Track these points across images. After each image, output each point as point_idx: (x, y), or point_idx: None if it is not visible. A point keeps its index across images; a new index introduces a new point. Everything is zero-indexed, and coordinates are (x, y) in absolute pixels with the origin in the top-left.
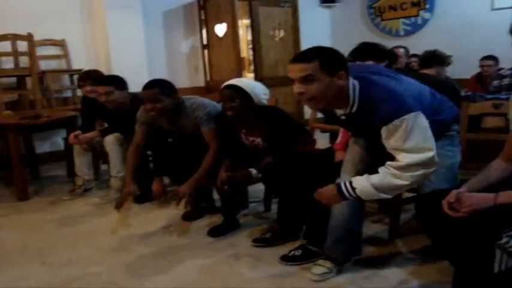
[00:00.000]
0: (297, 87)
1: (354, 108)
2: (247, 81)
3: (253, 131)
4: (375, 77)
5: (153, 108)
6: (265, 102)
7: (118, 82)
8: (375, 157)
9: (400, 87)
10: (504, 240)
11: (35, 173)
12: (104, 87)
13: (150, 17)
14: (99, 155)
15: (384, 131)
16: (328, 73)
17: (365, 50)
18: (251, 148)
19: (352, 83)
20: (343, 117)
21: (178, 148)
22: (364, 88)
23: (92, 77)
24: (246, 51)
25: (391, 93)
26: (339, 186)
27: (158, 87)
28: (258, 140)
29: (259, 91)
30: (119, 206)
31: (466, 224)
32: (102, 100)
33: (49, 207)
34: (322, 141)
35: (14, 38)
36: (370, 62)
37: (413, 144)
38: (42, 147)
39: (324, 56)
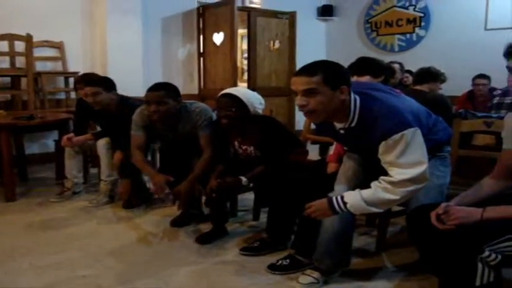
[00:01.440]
0: (299, 100)
1: (354, 123)
2: (244, 90)
3: (246, 139)
4: (375, 93)
5: (156, 110)
6: (260, 111)
7: (106, 83)
8: (369, 172)
9: (400, 104)
10: (486, 254)
11: (23, 174)
12: (92, 87)
13: (149, 23)
14: (88, 158)
15: (382, 145)
16: (331, 87)
17: (362, 65)
18: (244, 157)
19: (354, 97)
20: (341, 131)
21: (169, 153)
22: (365, 103)
23: (86, 79)
24: (240, 61)
25: (392, 108)
26: (330, 200)
27: (164, 90)
28: (251, 149)
29: (255, 100)
30: (159, 191)
31: (451, 236)
32: (90, 101)
33: (37, 208)
34: (311, 152)
35: (13, 38)
36: (367, 77)
37: (408, 160)
38: (31, 148)
39: (327, 70)
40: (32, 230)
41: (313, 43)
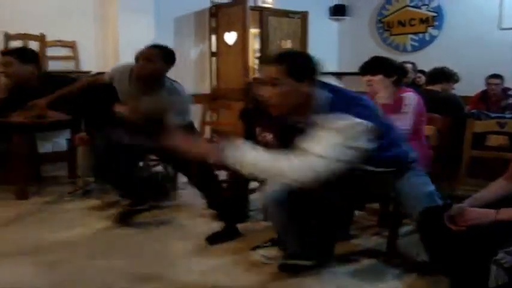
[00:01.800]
0: (261, 89)
1: (317, 118)
2: None
3: (267, 126)
4: (353, 94)
5: (143, 66)
6: None
7: (21, 54)
8: None
9: (374, 108)
10: (500, 256)
11: (36, 173)
12: (5, 56)
13: (161, 23)
14: None
15: (329, 117)
16: (295, 79)
17: (375, 64)
18: (261, 144)
19: (326, 96)
20: (300, 125)
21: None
22: (337, 100)
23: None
24: (252, 60)
25: (364, 103)
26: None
27: (161, 49)
28: (270, 137)
29: None
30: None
31: (464, 238)
32: (0, 71)
33: (48, 207)
34: None
35: (26, 37)
36: (379, 76)
37: (338, 142)
38: (46, 147)
39: (293, 61)
40: (42, 228)
41: (325, 43)
